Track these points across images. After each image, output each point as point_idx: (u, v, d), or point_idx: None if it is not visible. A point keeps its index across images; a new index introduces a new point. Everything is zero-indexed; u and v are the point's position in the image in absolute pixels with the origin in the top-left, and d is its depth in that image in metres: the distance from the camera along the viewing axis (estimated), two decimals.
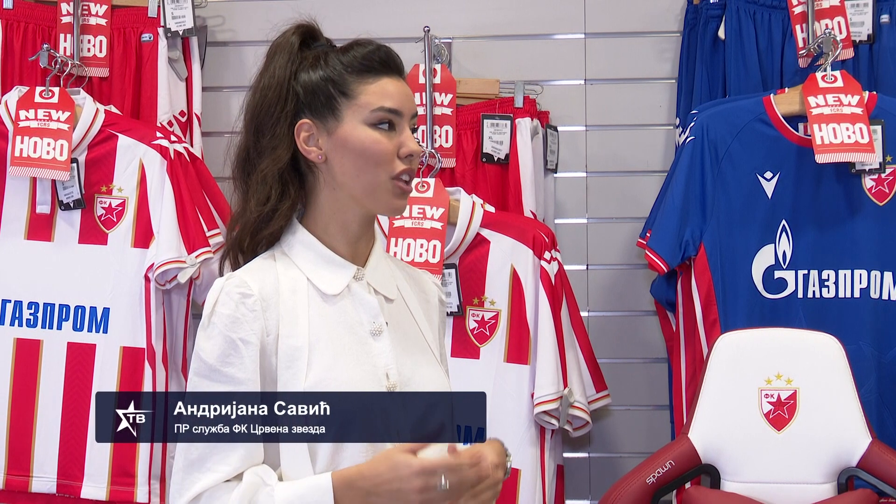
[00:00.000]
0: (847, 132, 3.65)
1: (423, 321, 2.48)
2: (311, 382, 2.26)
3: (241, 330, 2.26)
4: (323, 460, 2.26)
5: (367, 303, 2.37)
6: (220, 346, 2.26)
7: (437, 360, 2.47)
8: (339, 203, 2.35)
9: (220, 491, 2.22)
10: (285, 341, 2.28)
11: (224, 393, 2.26)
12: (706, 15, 4.09)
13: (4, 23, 4.10)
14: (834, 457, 3.35)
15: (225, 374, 2.25)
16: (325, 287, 2.34)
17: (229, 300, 2.27)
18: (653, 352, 4.24)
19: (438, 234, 3.76)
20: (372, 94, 2.31)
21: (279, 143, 2.33)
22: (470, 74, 4.22)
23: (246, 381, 2.25)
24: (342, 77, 2.32)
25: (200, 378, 2.28)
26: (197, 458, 2.24)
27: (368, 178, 2.31)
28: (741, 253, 3.76)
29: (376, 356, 2.34)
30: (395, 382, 2.34)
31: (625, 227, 4.25)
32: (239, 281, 2.29)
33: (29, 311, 3.90)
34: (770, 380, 3.41)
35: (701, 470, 3.41)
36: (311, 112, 2.33)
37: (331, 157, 2.32)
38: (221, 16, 4.36)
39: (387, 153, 2.31)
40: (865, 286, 3.73)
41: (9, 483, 3.86)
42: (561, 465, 3.93)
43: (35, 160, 3.83)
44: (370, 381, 2.31)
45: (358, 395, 2.28)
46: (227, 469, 2.23)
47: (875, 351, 3.72)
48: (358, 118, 2.31)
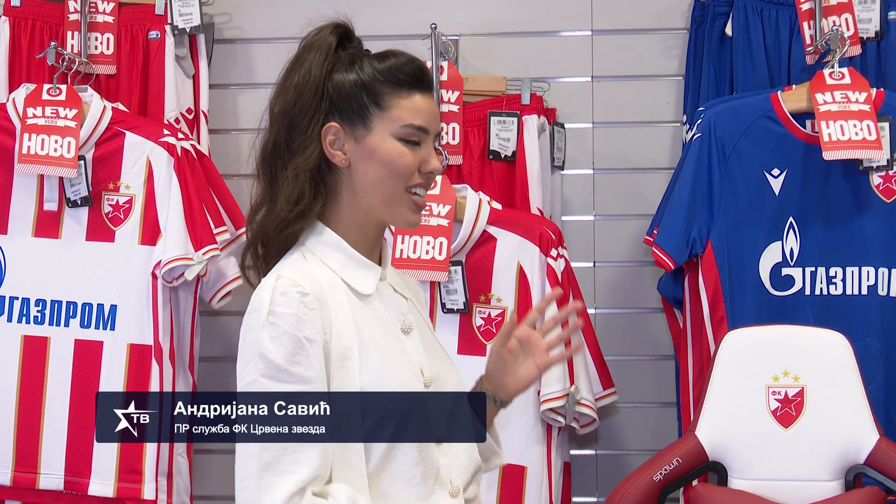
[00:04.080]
0: (854, 129, 3.64)
1: (427, 319, 2.53)
2: (365, 382, 2.28)
3: (305, 328, 2.26)
4: (376, 458, 2.28)
5: (395, 302, 2.41)
6: (287, 346, 2.25)
7: (447, 355, 2.51)
8: (359, 207, 2.36)
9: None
10: (337, 341, 2.28)
11: (296, 392, 2.26)
12: (713, 12, 4.09)
13: (12, 20, 4.12)
14: (841, 454, 3.35)
15: (294, 374, 2.25)
16: (359, 287, 2.36)
17: (289, 300, 2.26)
18: (660, 349, 4.24)
19: (445, 231, 3.77)
20: (404, 108, 2.33)
21: (311, 142, 2.33)
22: (477, 71, 4.21)
23: (315, 380, 2.26)
24: (375, 87, 2.33)
25: (269, 379, 2.26)
26: (271, 460, 2.23)
27: (388, 189, 2.33)
28: (748, 250, 3.75)
29: (411, 353, 2.38)
30: (430, 378, 2.38)
31: (632, 225, 4.26)
32: (292, 281, 2.28)
33: (36, 308, 3.90)
34: (777, 377, 3.41)
35: (708, 467, 3.41)
36: (340, 116, 2.33)
37: (354, 164, 2.33)
38: (228, 13, 4.36)
39: (410, 167, 2.33)
40: (873, 283, 3.73)
41: (16, 480, 3.87)
42: (568, 462, 3.93)
43: (42, 157, 3.83)
44: (414, 378, 2.35)
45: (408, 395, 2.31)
46: (304, 470, 2.22)
47: (883, 348, 3.71)
48: (388, 130, 2.32)
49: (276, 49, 4.26)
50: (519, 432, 3.71)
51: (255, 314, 2.28)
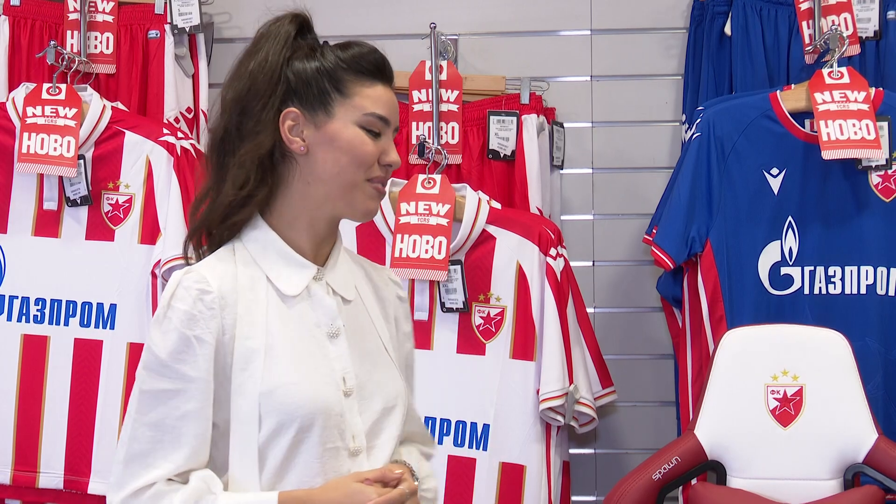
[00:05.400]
0: (853, 128, 3.64)
1: (379, 321, 2.46)
2: (267, 387, 2.23)
3: (197, 327, 2.23)
4: (272, 466, 2.25)
5: (325, 305, 2.35)
6: (173, 342, 2.22)
7: (393, 363, 2.44)
8: (311, 199, 2.32)
9: (164, 490, 2.20)
10: (242, 342, 2.24)
11: (172, 390, 2.22)
12: (712, 11, 4.10)
13: (12, 20, 4.13)
14: (840, 453, 3.36)
15: (176, 371, 2.22)
16: (284, 287, 2.31)
17: (187, 295, 2.23)
18: (659, 348, 4.24)
19: (444, 230, 3.76)
20: (367, 97, 2.30)
21: (263, 128, 2.28)
22: (476, 71, 4.22)
23: (197, 380, 2.22)
24: (338, 73, 2.30)
25: (150, 372, 2.24)
26: (139, 452, 2.22)
27: (348, 177, 2.29)
28: (747, 249, 3.75)
29: (333, 360, 2.32)
30: (352, 387, 2.32)
31: (631, 224, 4.27)
32: (198, 276, 2.25)
33: (36, 308, 3.90)
34: (776, 376, 3.41)
35: (707, 466, 3.41)
36: (299, 102, 2.30)
37: (313, 151, 2.30)
38: (228, 12, 4.36)
39: (371, 156, 2.29)
40: (872, 283, 3.73)
41: (16, 479, 3.87)
42: (567, 461, 3.92)
43: (42, 157, 3.84)
44: (328, 386, 2.29)
45: (316, 401, 2.25)
46: (169, 467, 2.20)
47: (881, 347, 3.71)
48: (350, 118, 2.29)
49: None
50: (518, 431, 3.72)
51: (160, 305, 2.27)
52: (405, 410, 2.41)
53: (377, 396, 2.34)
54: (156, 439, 2.20)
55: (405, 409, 2.41)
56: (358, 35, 2.46)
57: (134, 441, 2.22)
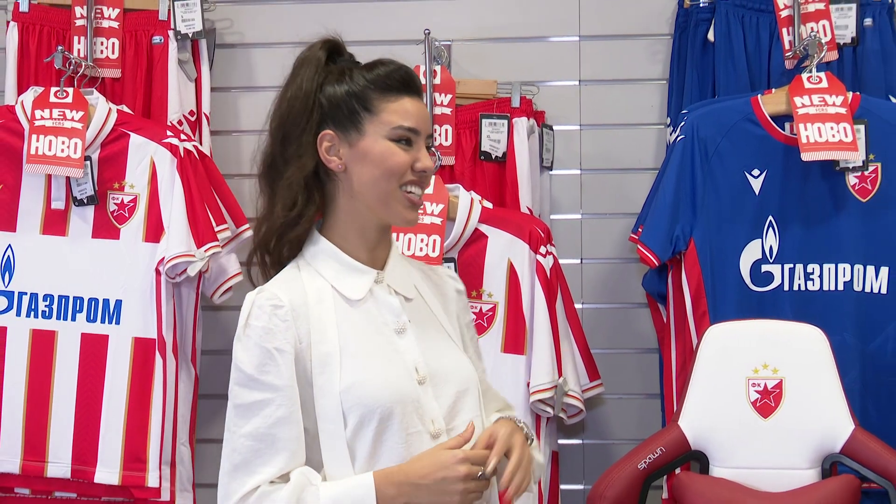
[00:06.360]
0: (832, 131, 3.66)
1: (441, 314, 2.54)
2: (345, 384, 2.32)
3: (275, 340, 2.32)
4: (362, 457, 2.32)
5: (389, 304, 2.44)
6: (256, 357, 2.32)
7: (460, 350, 2.52)
8: (356, 211, 2.41)
9: (268, 490, 2.29)
10: (317, 348, 2.34)
11: (262, 400, 2.31)
12: (696, 18, 4.10)
13: (21, 25, 4.12)
14: (818, 443, 3.38)
15: (263, 382, 2.31)
16: (349, 293, 2.40)
17: (262, 313, 2.34)
18: (644, 343, 4.24)
19: (438, 229, 3.79)
20: (394, 112, 2.39)
21: (304, 151, 2.39)
22: (469, 76, 4.23)
23: (283, 388, 2.31)
24: (366, 93, 2.39)
25: (240, 387, 2.34)
26: (241, 462, 2.31)
27: (382, 188, 2.38)
28: (729, 247, 3.77)
29: (404, 353, 2.41)
30: (425, 375, 2.40)
31: (618, 223, 4.26)
32: (270, 294, 2.35)
33: (44, 303, 3.89)
34: (757, 369, 3.44)
35: (690, 456, 3.44)
36: (333, 124, 2.39)
37: (350, 167, 2.39)
38: (229, 19, 4.37)
39: (403, 165, 2.38)
40: (849, 279, 3.75)
41: (25, 468, 3.85)
42: (556, 451, 3.94)
43: (50, 158, 3.83)
44: (402, 377, 2.37)
45: (392, 391, 2.34)
46: (271, 471, 2.29)
47: (858, 342, 3.73)
48: (380, 133, 2.38)
49: (275, 54, 4.28)
50: None
51: (239, 325, 2.37)
52: (478, 392, 2.49)
53: (450, 382, 2.43)
54: (254, 448, 2.30)
55: (478, 390, 2.49)
56: (356, 41, 2.53)
57: (234, 453, 2.32)
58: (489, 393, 2.61)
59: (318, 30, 2.51)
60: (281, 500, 2.27)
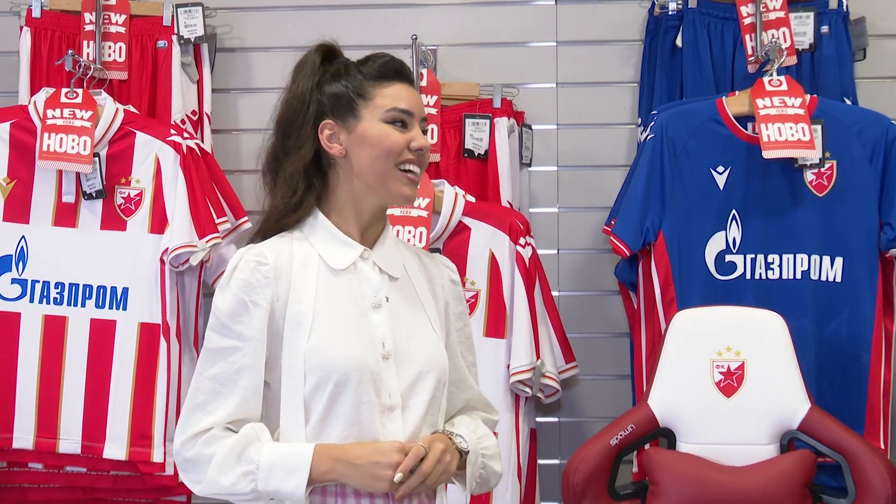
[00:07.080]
0: (791, 131, 3.73)
1: (427, 298, 2.59)
2: (311, 345, 2.39)
3: (253, 293, 2.40)
4: (315, 417, 2.39)
5: (370, 279, 2.50)
6: (232, 306, 2.41)
7: (435, 334, 2.55)
8: (356, 193, 2.49)
9: (219, 435, 2.37)
10: (293, 307, 2.41)
11: (230, 347, 2.40)
12: (665, 25, 4.18)
13: (33, 30, 4.17)
14: (777, 421, 3.46)
15: (234, 331, 2.40)
16: (333, 262, 2.48)
17: (247, 266, 2.42)
18: (616, 327, 4.29)
19: (424, 221, 3.86)
20: (387, 96, 2.48)
21: (304, 142, 2.47)
22: (453, 78, 4.29)
23: (252, 339, 2.40)
24: (361, 83, 2.49)
25: (213, 332, 2.43)
26: (200, 402, 2.41)
27: (381, 167, 2.45)
28: (696, 239, 3.83)
29: (375, 327, 2.46)
30: (390, 350, 2.45)
31: (592, 216, 4.31)
32: (258, 251, 2.44)
33: (56, 291, 3.95)
34: (721, 352, 3.51)
35: (659, 433, 3.51)
36: (333, 114, 2.48)
37: (350, 151, 2.47)
38: (230, 25, 4.43)
39: (399, 144, 2.46)
40: (806, 269, 3.82)
41: (38, 445, 3.90)
42: (534, 428, 4.01)
43: (61, 154, 3.88)
44: (366, 349, 2.42)
45: (352, 359, 2.40)
46: (223, 413, 2.38)
47: (815, 327, 3.80)
48: (375, 116, 2.47)
49: (273, 57, 4.34)
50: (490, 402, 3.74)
51: (223, 276, 2.46)
52: (441, 375, 2.52)
53: (414, 361, 2.48)
54: (214, 391, 2.40)
55: (442, 373, 2.52)
56: (345, 45, 2.61)
57: (197, 392, 2.43)
58: (464, 384, 2.66)
59: (312, 35, 2.60)
60: (226, 447, 2.35)
